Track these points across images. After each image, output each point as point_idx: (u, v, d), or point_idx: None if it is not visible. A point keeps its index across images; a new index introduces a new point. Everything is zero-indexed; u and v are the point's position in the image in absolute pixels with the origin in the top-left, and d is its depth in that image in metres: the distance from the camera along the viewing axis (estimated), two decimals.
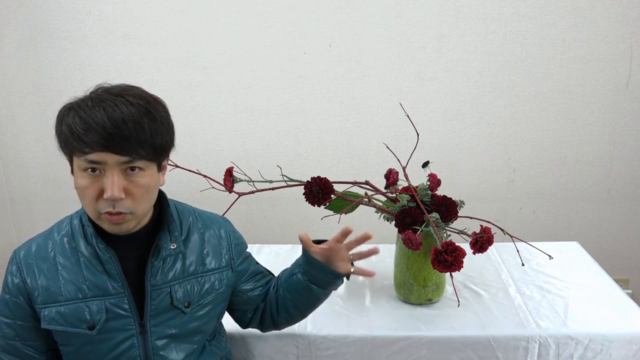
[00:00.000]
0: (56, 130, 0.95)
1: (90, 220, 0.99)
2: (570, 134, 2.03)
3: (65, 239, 1.02)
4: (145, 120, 0.92)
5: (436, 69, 1.97)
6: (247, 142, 2.06)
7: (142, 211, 0.97)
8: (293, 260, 1.07)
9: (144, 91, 0.96)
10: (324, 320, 1.36)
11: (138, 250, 1.02)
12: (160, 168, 1.00)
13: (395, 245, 1.47)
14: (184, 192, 2.09)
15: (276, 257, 1.73)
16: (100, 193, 0.92)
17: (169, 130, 0.98)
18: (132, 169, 0.93)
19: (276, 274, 1.23)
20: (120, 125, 0.89)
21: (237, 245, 1.15)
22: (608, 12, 1.89)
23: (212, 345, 1.15)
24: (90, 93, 0.94)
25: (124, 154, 0.90)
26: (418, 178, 1.50)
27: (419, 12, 1.91)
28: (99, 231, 1.00)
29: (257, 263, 1.22)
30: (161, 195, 1.06)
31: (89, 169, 0.91)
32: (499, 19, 1.90)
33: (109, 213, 0.93)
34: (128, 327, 1.01)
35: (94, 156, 0.89)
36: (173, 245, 1.03)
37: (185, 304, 1.05)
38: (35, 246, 1.03)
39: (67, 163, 0.97)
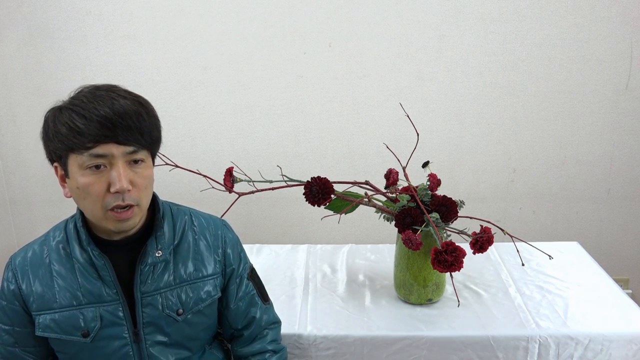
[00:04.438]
0: (46, 135, 0.93)
1: (83, 225, 0.98)
2: (570, 134, 2.03)
3: (61, 245, 1.00)
4: (143, 111, 0.92)
5: (436, 69, 1.96)
6: (247, 142, 2.06)
7: (145, 203, 0.97)
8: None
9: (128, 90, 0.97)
10: (324, 320, 1.36)
11: (129, 256, 1.01)
12: (153, 162, 1.00)
13: (395, 245, 1.46)
14: (184, 192, 2.09)
15: (276, 257, 1.73)
16: (106, 188, 0.91)
17: (160, 124, 0.99)
18: (136, 161, 0.93)
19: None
20: (123, 116, 0.89)
21: (233, 246, 1.12)
22: (608, 12, 1.88)
23: (212, 348, 1.14)
24: (77, 93, 0.93)
25: (129, 144, 0.90)
26: (418, 178, 1.50)
27: (419, 12, 1.91)
28: (93, 237, 0.99)
29: (260, 296, 1.16)
30: (154, 198, 1.05)
31: (93, 166, 0.90)
32: (499, 19, 1.90)
33: (119, 207, 0.92)
34: (122, 334, 1.00)
35: (99, 149, 0.88)
36: (158, 253, 1.01)
37: (178, 311, 1.03)
38: (31, 252, 1.02)
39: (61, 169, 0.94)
